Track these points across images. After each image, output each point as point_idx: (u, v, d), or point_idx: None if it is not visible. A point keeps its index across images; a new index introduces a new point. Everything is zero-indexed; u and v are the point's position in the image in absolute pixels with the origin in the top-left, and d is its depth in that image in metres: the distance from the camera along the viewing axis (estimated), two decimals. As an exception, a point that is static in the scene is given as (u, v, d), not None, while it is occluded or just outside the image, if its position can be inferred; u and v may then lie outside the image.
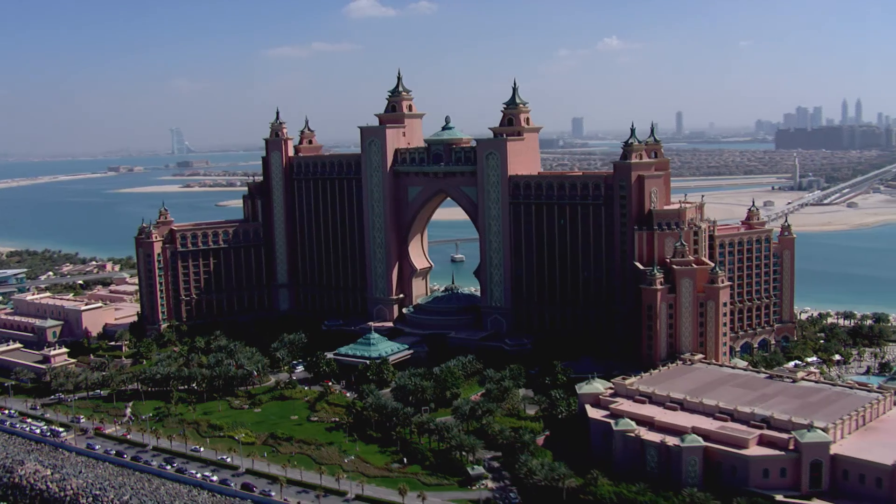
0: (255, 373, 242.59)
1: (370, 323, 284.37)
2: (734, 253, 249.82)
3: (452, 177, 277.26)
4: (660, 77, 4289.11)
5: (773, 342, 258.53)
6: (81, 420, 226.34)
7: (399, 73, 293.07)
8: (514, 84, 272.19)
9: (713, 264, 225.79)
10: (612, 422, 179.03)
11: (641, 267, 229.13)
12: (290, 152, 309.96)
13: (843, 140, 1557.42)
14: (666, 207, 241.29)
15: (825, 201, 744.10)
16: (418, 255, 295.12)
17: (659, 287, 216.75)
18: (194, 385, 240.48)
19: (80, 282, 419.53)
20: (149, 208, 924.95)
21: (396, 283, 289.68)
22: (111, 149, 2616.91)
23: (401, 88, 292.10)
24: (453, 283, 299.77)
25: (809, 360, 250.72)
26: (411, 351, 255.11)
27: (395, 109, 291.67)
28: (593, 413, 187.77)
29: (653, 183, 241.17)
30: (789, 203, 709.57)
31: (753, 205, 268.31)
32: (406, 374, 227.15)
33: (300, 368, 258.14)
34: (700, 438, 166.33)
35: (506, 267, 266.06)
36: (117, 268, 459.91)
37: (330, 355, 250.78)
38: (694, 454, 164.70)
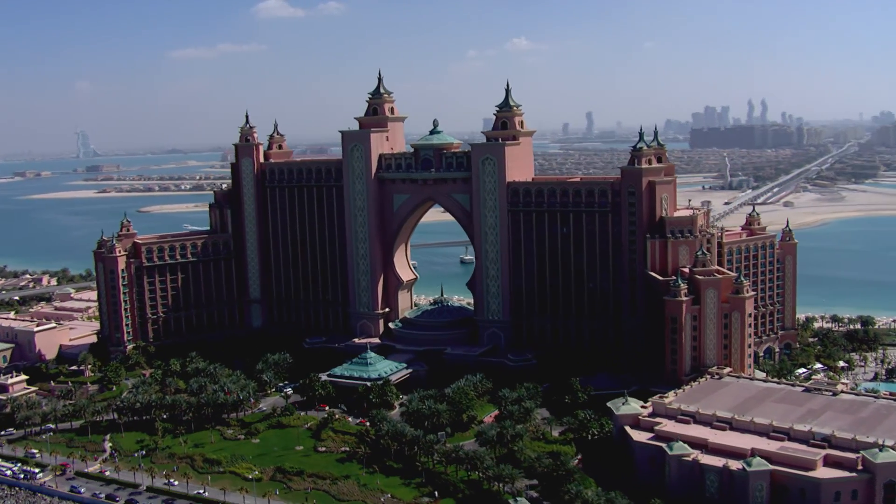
0: (252, 400, 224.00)
1: (355, 339, 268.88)
2: (741, 260, 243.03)
3: (443, 184, 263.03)
4: (569, 77, 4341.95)
5: (777, 350, 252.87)
6: (36, 455, 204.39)
7: (380, 74, 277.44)
8: (507, 86, 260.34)
9: (736, 274, 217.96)
10: (663, 445, 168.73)
11: (660, 277, 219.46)
12: (261, 158, 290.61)
13: (755, 139, 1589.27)
14: (677, 214, 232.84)
15: (759, 200, 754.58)
16: (403, 267, 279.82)
17: (684, 298, 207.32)
18: (178, 414, 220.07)
19: (17, 298, 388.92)
20: (67, 215, 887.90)
21: (382, 296, 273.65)
22: (12, 152, 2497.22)
23: (382, 90, 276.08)
24: (442, 294, 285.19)
25: (814, 367, 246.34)
26: (410, 370, 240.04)
27: (376, 112, 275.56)
28: (637, 436, 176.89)
29: (663, 189, 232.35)
30: (727, 203, 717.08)
31: (754, 210, 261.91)
32: (416, 396, 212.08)
33: (289, 391, 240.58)
34: (766, 462, 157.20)
35: (504, 278, 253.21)
36: (54, 281, 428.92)
37: (324, 377, 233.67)
38: (761, 479, 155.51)
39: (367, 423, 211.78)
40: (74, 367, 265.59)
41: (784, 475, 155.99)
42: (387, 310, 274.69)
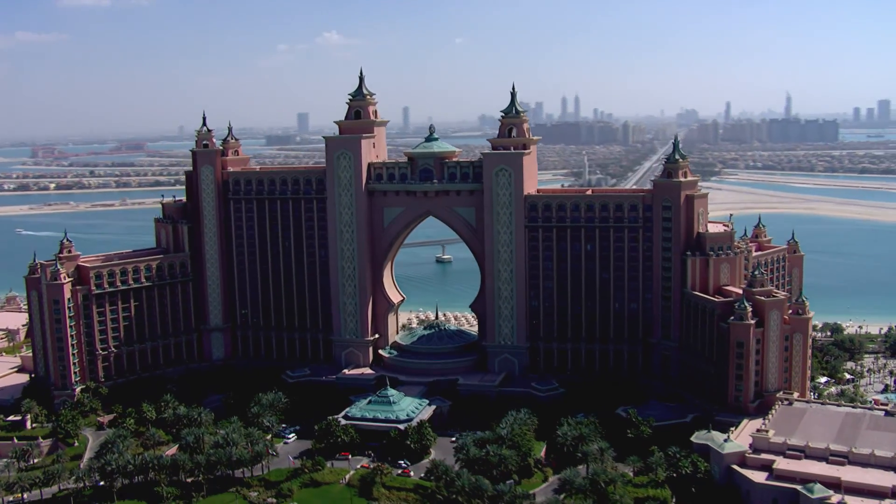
0: (293, 459, 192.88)
1: (345, 371, 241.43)
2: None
3: (445, 196, 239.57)
4: (383, 73, 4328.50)
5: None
6: None
7: (361, 73, 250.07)
8: (513, 89, 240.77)
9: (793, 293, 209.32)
10: (798, 487, 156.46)
11: (716, 299, 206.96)
12: (220, 166, 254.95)
13: (581, 135, 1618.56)
14: (713, 230, 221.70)
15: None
16: (391, 287, 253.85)
17: (751, 321, 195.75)
18: (182, 475, 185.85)
19: None
20: None
21: (371, 321, 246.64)
22: None
23: (364, 91, 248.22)
24: (437, 316, 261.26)
25: (821, 380, 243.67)
26: (433, 407, 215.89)
27: (359, 115, 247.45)
28: (755, 476, 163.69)
29: (700, 203, 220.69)
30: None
31: (760, 221, 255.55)
32: (468, 439, 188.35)
33: (292, 437, 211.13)
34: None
35: (519, 299, 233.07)
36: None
37: (342, 420, 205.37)
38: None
39: (412, 474, 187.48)
40: (16, 418, 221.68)
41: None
42: (376, 336, 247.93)
